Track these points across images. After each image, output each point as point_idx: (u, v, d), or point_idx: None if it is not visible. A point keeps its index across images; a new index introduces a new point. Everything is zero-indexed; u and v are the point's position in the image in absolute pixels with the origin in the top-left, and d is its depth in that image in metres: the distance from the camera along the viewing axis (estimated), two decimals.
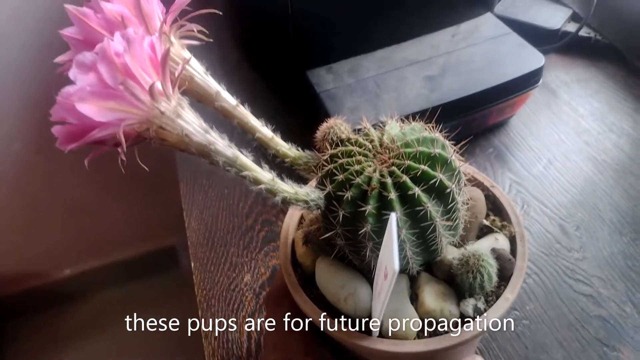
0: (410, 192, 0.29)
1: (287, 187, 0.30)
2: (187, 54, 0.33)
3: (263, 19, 0.60)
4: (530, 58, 0.60)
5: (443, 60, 0.61)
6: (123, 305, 1.35)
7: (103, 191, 1.16)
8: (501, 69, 0.59)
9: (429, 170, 0.29)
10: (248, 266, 0.55)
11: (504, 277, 0.33)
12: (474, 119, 0.61)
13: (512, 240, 0.35)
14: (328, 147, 0.33)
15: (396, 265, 0.22)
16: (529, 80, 0.60)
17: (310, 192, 0.31)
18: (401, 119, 0.34)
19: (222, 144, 0.30)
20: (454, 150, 0.32)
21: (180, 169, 0.66)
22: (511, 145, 0.64)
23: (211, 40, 0.34)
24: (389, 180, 0.29)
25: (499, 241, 0.35)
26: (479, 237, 0.36)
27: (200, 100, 0.34)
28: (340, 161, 0.31)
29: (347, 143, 0.32)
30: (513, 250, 0.35)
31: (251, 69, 0.76)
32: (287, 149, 0.34)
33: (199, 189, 0.63)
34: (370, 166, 0.30)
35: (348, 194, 0.29)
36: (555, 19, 0.74)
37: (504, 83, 0.58)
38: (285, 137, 0.36)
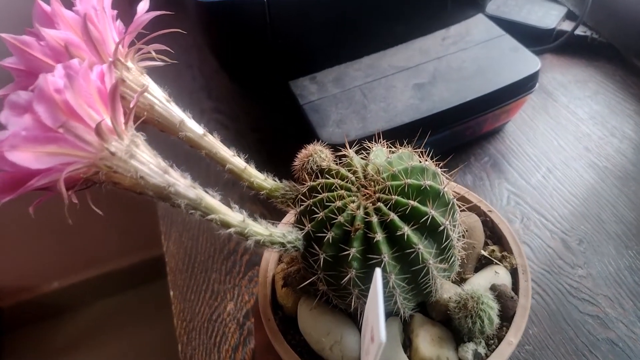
0: (399, 233, 0.25)
1: (260, 229, 0.27)
2: (146, 80, 0.29)
3: (240, 26, 0.57)
4: (525, 62, 0.57)
5: (433, 67, 0.58)
6: (115, 316, 1.33)
7: (88, 206, 1.13)
8: (495, 74, 0.56)
9: (419, 206, 0.26)
10: (231, 294, 0.51)
11: (506, 316, 0.30)
12: (468, 127, 0.57)
13: (514, 272, 0.32)
14: (307, 177, 0.30)
15: (382, 337, 0.19)
16: (524, 86, 0.56)
17: (286, 232, 0.27)
18: (387, 145, 0.31)
19: (183, 185, 0.26)
20: (446, 178, 0.29)
21: None
22: (508, 153, 0.60)
23: (176, 61, 0.31)
24: (374, 219, 0.26)
25: (500, 275, 0.31)
26: (477, 268, 0.33)
27: (163, 130, 0.30)
28: (320, 196, 0.27)
29: (327, 175, 0.28)
30: (515, 285, 0.31)
31: (230, 80, 0.73)
32: (262, 180, 0.31)
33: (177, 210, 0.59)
34: (353, 202, 0.27)
35: (329, 235, 0.26)
36: (550, 17, 0.71)
37: (498, 90, 0.55)
38: (269, 153, 0.33)
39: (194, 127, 0.30)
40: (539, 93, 0.67)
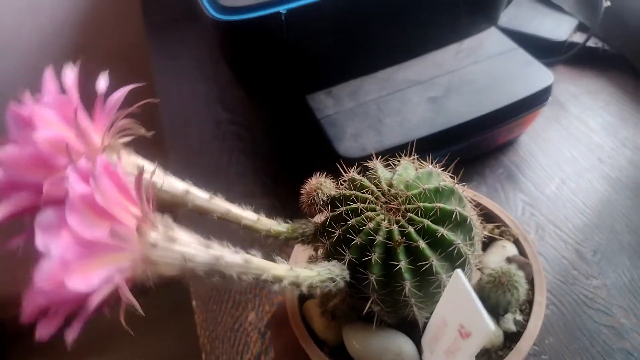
0: (423, 261, 0.27)
1: (309, 273, 0.27)
2: (137, 159, 0.28)
3: (258, 42, 0.58)
4: (538, 76, 0.58)
5: (447, 80, 0.59)
6: (127, 321, 1.33)
7: None
8: (508, 88, 0.57)
9: (449, 234, 0.27)
10: (252, 303, 0.52)
11: (528, 281, 0.33)
12: (482, 139, 0.58)
13: (516, 242, 0.35)
14: (321, 208, 0.31)
15: (490, 325, 0.21)
16: (538, 99, 0.57)
17: (331, 267, 0.28)
18: (414, 159, 0.32)
19: (229, 253, 0.25)
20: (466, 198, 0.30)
21: None
22: (521, 165, 0.61)
23: (152, 132, 0.30)
24: (411, 229, 0.27)
25: (507, 248, 0.34)
26: (484, 249, 0.35)
27: (169, 206, 0.29)
28: (349, 222, 0.29)
29: (348, 202, 0.30)
30: (522, 253, 0.34)
31: (247, 93, 0.74)
32: (277, 225, 0.31)
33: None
34: (383, 220, 0.28)
35: (374, 257, 0.27)
36: (561, 29, 0.72)
37: (512, 103, 0.56)
38: (285, 164, 0.34)
39: (199, 193, 0.29)
40: (551, 104, 0.68)
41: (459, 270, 0.23)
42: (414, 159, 0.32)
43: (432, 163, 0.32)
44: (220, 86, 0.80)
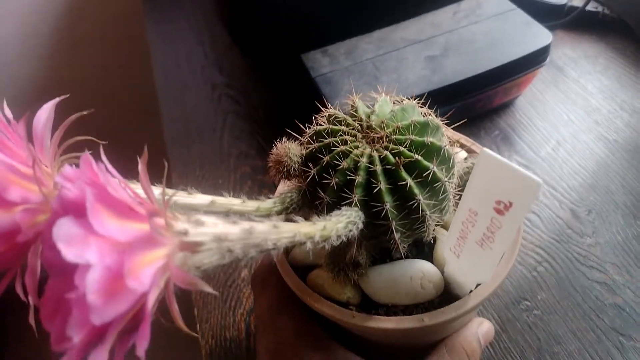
0: (401, 183, 0.27)
1: (331, 222, 0.26)
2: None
3: (255, 1, 0.57)
4: (537, 35, 0.57)
5: (445, 40, 0.58)
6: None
7: None
8: (506, 47, 0.56)
9: (422, 160, 0.27)
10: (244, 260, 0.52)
11: None
12: (479, 100, 0.58)
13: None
14: (296, 172, 0.30)
15: (536, 179, 0.21)
16: (536, 59, 0.57)
17: (344, 213, 0.27)
18: (393, 96, 0.32)
19: (256, 224, 0.23)
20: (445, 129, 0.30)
21: (171, 156, 0.64)
22: (517, 127, 0.61)
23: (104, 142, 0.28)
24: (384, 156, 0.27)
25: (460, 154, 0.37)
26: None
27: None
28: (340, 164, 0.28)
29: (331, 137, 0.29)
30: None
31: (242, 54, 0.73)
32: (264, 202, 0.29)
33: (192, 175, 0.60)
34: (368, 150, 0.28)
35: (383, 185, 0.27)
36: None
37: (510, 62, 0.55)
38: (280, 126, 0.33)
39: (181, 196, 0.26)
40: (549, 68, 0.67)
41: (484, 149, 0.23)
42: (390, 95, 0.32)
43: (412, 99, 0.32)
44: (216, 51, 0.79)
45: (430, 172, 0.27)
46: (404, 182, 0.27)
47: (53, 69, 1.01)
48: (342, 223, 0.26)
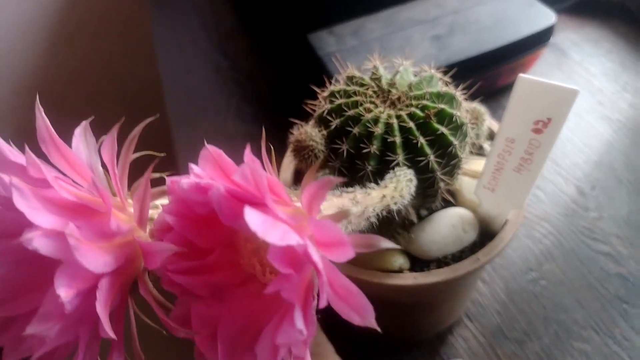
0: (414, 141, 0.28)
1: (398, 183, 0.27)
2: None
3: None
4: (541, 16, 0.58)
5: (450, 20, 0.59)
6: None
7: None
8: (511, 27, 0.57)
9: (433, 122, 0.29)
10: None
11: None
12: (484, 78, 0.58)
13: None
14: (324, 155, 0.31)
15: (572, 87, 0.23)
16: (540, 38, 0.57)
17: (400, 174, 0.28)
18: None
19: (359, 195, 0.25)
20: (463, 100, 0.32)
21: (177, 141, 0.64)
22: None
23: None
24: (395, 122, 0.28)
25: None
26: None
27: None
28: (375, 130, 0.29)
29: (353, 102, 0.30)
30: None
31: (247, 35, 0.74)
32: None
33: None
34: (390, 112, 0.29)
35: (421, 140, 0.29)
36: None
37: (515, 41, 0.56)
38: (286, 110, 0.34)
39: None
40: (552, 51, 0.68)
41: (520, 74, 0.25)
42: (414, 63, 0.33)
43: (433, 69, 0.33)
44: (220, 35, 0.79)
45: (456, 117, 0.28)
46: (438, 132, 0.28)
47: (55, 55, 1.01)
48: (404, 183, 0.27)
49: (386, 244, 0.18)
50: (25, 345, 0.17)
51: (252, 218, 0.16)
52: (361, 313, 0.17)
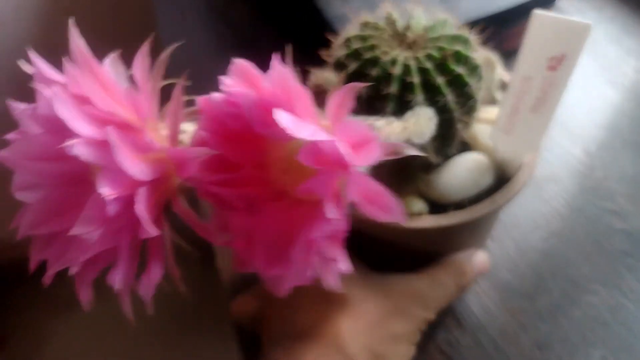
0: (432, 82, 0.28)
1: (419, 117, 0.28)
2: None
3: None
4: None
5: None
6: None
7: None
8: None
9: (450, 63, 0.29)
10: None
11: None
12: (490, 42, 0.58)
13: None
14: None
15: (584, 21, 0.22)
16: (545, 2, 0.57)
17: (420, 112, 0.28)
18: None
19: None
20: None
21: None
22: None
23: None
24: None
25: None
26: None
27: None
28: (393, 72, 0.30)
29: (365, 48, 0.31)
30: None
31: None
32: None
33: None
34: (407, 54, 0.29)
35: (438, 80, 0.29)
36: None
37: (520, 4, 0.56)
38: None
39: None
40: None
41: (535, 11, 0.24)
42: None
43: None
44: (219, 2, 0.78)
45: (471, 59, 0.28)
46: (455, 73, 0.28)
47: (51, 23, 1.00)
48: (424, 119, 0.27)
49: (411, 151, 0.19)
50: (67, 256, 0.17)
51: (283, 117, 0.16)
52: (387, 210, 0.18)
